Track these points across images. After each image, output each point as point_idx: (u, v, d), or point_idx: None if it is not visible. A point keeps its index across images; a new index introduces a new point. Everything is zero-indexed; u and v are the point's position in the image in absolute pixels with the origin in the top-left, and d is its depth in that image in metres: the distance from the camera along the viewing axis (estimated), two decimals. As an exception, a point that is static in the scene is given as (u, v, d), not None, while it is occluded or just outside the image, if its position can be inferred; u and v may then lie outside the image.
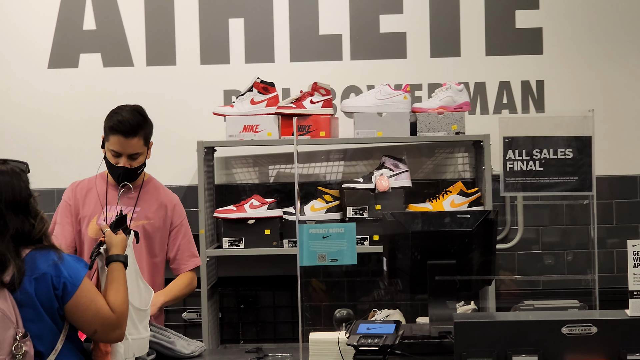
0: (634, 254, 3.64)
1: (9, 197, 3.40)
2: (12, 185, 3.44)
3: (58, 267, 3.40)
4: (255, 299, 6.18)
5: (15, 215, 3.39)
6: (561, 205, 6.03)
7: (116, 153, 4.62)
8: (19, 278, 3.32)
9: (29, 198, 3.45)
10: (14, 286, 3.31)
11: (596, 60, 6.09)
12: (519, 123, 4.79)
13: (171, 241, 4.85)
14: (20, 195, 3.43)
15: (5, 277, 3.31)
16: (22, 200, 3.43)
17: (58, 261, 3.40)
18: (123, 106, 4.71)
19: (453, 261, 4.23)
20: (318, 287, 6.11)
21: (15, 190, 3.43)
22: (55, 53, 6.13)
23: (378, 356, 3.75)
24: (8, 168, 3.47)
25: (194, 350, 4.36)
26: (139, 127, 4.63)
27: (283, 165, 6.13)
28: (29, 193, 3.46)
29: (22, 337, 3.29)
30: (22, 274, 3.33)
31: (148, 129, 4.70)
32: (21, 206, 3.42)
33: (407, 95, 5.68)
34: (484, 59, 6.09)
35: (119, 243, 3.73)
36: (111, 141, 4.61)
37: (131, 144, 4.60)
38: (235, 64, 6.12)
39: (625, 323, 3.62)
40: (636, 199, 6.07)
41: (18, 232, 3.38)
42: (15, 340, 3.27)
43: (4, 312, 3.28)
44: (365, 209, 5.59)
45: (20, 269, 3.33)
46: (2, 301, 3.29)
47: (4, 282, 3.31)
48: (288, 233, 5.63)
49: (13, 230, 3.37)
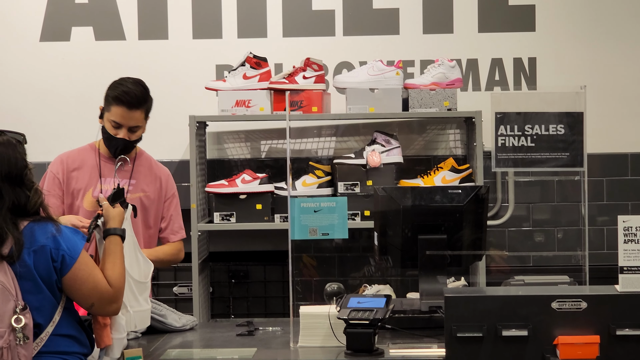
0: (625, 229, 3.66)
1: (4, 169, 3.40)
2: (7, 157, 3.43)
3: (56, 239, 3.40)
4: (246, 274, 6.19)
5: (12, 187, 3.39)
6: (552, 183, 6.04)
7: (117, 124, 4.57)
8: (18, 250, 3.32)
9: (24, 169, 3.45)
10: (13, 259, 3.31)
11: (588, 37, 6.09)
12: (511, 99, 4.79)
13: (163, 212, 4.83)
14: (16, 166, 3.42)
15: (4, 249, 3.31)
16: (18, 171, 3.42)
17: (56, 233, 3.40)
18: (127, 78, 4.65)
19: (444, 236, 4.25)
20: (309, 263, 6.13)
21: (12, 162, 3.43)
22: (47, 26, 6.12)
23: (368, 330, 3.76)
24: (4, 139, 3.47)
25: (185, 324, 4.37)
26: (143, 100, 4.59)
27: (275, 140, 6.13)
28: (24, 164, 3.46)
29: (21, 309, 3.29)
30: (21, 247, 3.33)
31: (149, 103, 4.65)
32: (17, 178, 3.42)
33: (400, 71, 5.68)
34: (476, 36, 6.09)
35: (116, 216, 3.73)
36: (113, 112, 4.56)
37: (134, 116, 4.56)
38: (228, 39, 6.11)
39: (615, 298, 3.63)
40: (627, 177, 6.09)
41: (14, 204, 3.38)
42: (15, 312, 3.28)
43: (4, 284, 3.28)
44: (356, 184, 5.60)
45: (19, 241, 3.33)
46: (2, 274, 3.29)
47: (2, 255, 3.31)
48: (279, 208, 5.64)
49: (9, 202, 3.37)
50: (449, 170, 5.67)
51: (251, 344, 4.10)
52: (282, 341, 4.15)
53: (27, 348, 3.30)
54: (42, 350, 3.39)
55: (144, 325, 3.99)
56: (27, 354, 3.30)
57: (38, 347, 3.38)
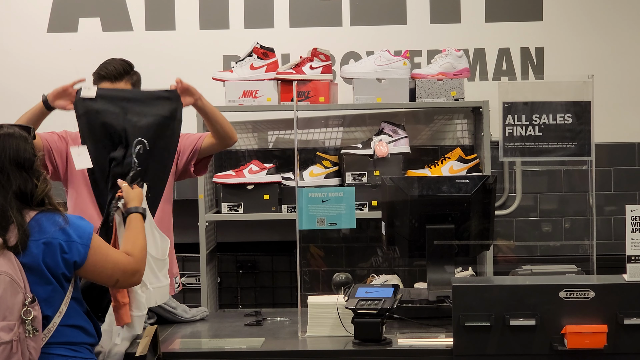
0: (632, 219, 3.66)
1: (12, 153, 3.42)
2: (16, 143, 3.46)
3: (66, 230, 3.41)
4: (253, 264, 6.20)
5: (19, 172, 3.41)
6: (559, 172, 6.04)
7: None
8: (24, 241, 3.33)
9: (33, 157, 3.47)
10: (19, 249, 3.32)
11: (596, 26, 6.08)
12: (518, 89, 4.78)
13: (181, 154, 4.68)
14: (24, 153, 3.44)
15: (9, 238, 3.32)
16: (27, 158, 3.44)
17: (65, 224, 3.41)
18: (111, 58, 4.72)
19: (451, 226, 4.25)
20: (316, 253, 6.13)
21: (20, 149, 3.45)
22: (54, 17, 6.12)
23: (376, 319, 3.77)
24: (15, 130, 3.50)
25: (194, 315, 4.39)
26: (124, 72, 4.65)
27: (282, 130, 6.13)
28: (33, 153, 3.48)
29: (30, 302, 3.30)
30: (27, 236, 3.34)
31: (135, 77, 4.70)
32: (25, 164, 3.43)
33: (407, 61, 5.67)
34: (483, 25, 6.08)
35: (136, 197, 3.80)
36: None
37: (119, 87, 4.60)
38: (235, 29, 6.11)
39: (623, 288, 3.64)
40: (635, 167, 6.08)
41: (21, 191, 3.39)
42: (24, 305, 3.29)
43: (12, 277, 3.28)
44: (364, 174, 5.60)
45: (25, 230, 3.34)
46: (10, 266, 3.29)
47: (8, 245, 3.31)
48: (287, 198, 5.64)
49: (16, 187, 3.38)
50: (457, 160, 5.67)
51: (259, 333, 4.12)
52: (290, 331, 4.17)
53: (36, 340, 3.31)
54: (50, 341, 3.40)
55: (164, 300, 4.00)
56: (36, 345, 3.31)
57: (46, 338, 3.39)
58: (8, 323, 3.25)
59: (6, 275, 3.26)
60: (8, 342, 3.24)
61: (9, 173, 3.39)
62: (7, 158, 3.41)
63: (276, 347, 3.92)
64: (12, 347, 3.24)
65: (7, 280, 3.26)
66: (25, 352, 3.27)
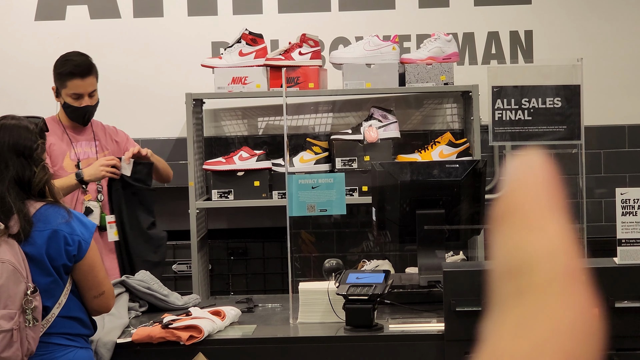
0: (623, 202, 3.66)
1: (12, 140, 3.46)
2: (18, 131, 3.50)
3: (71, 224, 3.45)
4: (244, 251, 6.20)
5: (17, 159, 3.43)
6: (549, 155, 6.03)
7: (77, 95, 4.91)
8: (27, 229, 3.34)
9: (33, 145, 3.49)
10: (21, 237, 3.33)
11: (585, 9, 6.07)
12: (507, 73, 4.79)
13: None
14: (25, 141, 3.47)
15: (12, 226, 3.33)
16: (27, 146, 3.47)
17: (69, 218, 3.45)
18: (68, 53, 5.03)
19: (442, 211, 4.25)
20: (307, 239, 6.13)
21: (21, 135, 3.49)
22: (41, 5, 6.10)
23: (367, 305, 3.77)
24: (20, 121, 3.55)
25: (187, 302, 4.39)
26: (91, 67, 4.96)
27: (272, 117, 6.13)
28: (35, 141, 3.50)
29: (32, 292, 3.31)
30: (30, 225, 3.35)
31: (96, 68, 5.01)
32: (24, 152, 3.46)
33: (396, 46, 5.66)
34: (472, 9, 6.07)
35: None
36: (70, 86, 4.90)
37: (89, 82, 4.93)
38: (223, 16, 6.10)
39: (614, 271, 3.65)
40: (624, 149, 6.08)
41: (19, 177, 3.40)
42: (26, 295, 3.30)
43: (15, 266, 3.29)
44: (354, 160, 5.60)
45: (28, 219, 3.36)
46: (13, 255, 3.30)
47: (11, 233, 3.32)
48: (277, 185, 5.64)
49: (14, 172, 3.40)
50: (446, 145, 5.67)
51: (251, 320, 4.12)
52: (281, 317, 4.17)
53: (35, 330, 3.32)
54: (48, 331, 3.43)
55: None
56: (35, 336, 3.33)
57: (44, 328, 3.41)
58: (9, 312, 3.26)
59: (9, 264, 3.28)
60: (8, 330, 3.25)
61: (7, 160, 3.41)
62: (7, 145, 3.43)
63: (268, 334, 3.92)
64: (12, 336, 3.25)
65: (10, 269, 3.27)
66: (24, 341, 3.28)
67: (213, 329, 3.83)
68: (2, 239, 3.31)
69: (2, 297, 3.26)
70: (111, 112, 6.00)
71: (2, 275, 3.27)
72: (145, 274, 4.39)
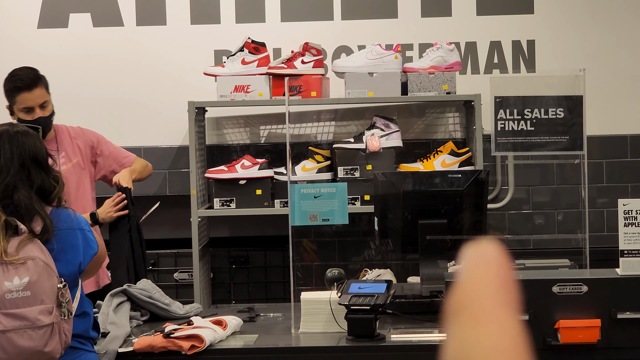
0: (625, 213, 3.66)
1: (31, 152, 3.54)
2: (33, 142, 3.57)
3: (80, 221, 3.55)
4: (246, 259, 6.19)
5: (38, 171, 3.48)
6: (552, 165, 6.04)
7: (27, 108, 4.90)
8: (50, 228, 3.40)
9: (47, 156, 3.59)
10: (48, 236, 3.39)
11: (587, 20, 6.08)
12: (510, 83, 4.79)
13: (102, 159, 5.16)
14: (40, 151, 3.56)
15: (35, 227, 3.38)
16: (44, 157, 3.57)
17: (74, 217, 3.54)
18: (15, 69, 5.04)
19: (444, 221, 4.25)
20: (309, 247, 6.13)
21: (37, 147, 3.56)
22: (45, 13, 6.10)
23: (369, 315, 3.77)
24: (25, 129, 3.63)
25: (188, 311, 4.39)
26: (37, 78, 4.94)
27: (274, 125, 6.13)
28: (47, 152, 3.59)
29: (63, 285, 3.37)
30: (52, 226, 3.41)
31: (44, 79, 4.98)
32: (42, 163, 3.54)
33: (398, 55, 5.67)
34: (475, 19, 6.07)
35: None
36: (19, 101, 4.90)
37: (37, 94, 4.90)
38: (226, 24, 6.10)
39: (616, 282, 3.64)
40: (626, 159, 6.08)
41: (40, 189, 3.47)
42: (59, 289, 3.35)
43: (45, 261, 3.34)
44: (356, 169, 5.60)
45: (51, 220, 3.41)
46: (40, 252, 3.36)
47: (35, 233, 3.36)
48: (279, 193, 5.64)
49: (37, 184, 3.47)
50: (449, 154, 5.67)
51: (253, 330, 4.11)
52: (283, 327, 4.16)
53: (69, 323, 3.42)
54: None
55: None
56: (70, 328, 3.42)
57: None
58: (47, 306, 3.32)
59: (40, 260, 3.32)
60: (49, 324, 3.31)
61: (30, 170, 3.47)
62: (27, 155, 3.50)
63: (270, 343, 3.92)
64: (52, 330, 3.31)
65: (41, 265, 3.33)
66: (62, 334, 3.36)
67: (215, 339, 3.83)
68: (28, 239, 3.35)
69: (38, 293, 3.31)
70: (113, 120, 6.02)
71: (36, 271, 3.32)
72: (147, 283, 4.39)
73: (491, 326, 0.75)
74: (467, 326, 0.76)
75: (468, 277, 0.80)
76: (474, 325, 0.76)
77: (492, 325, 0.75)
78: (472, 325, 0.76)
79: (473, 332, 0.75)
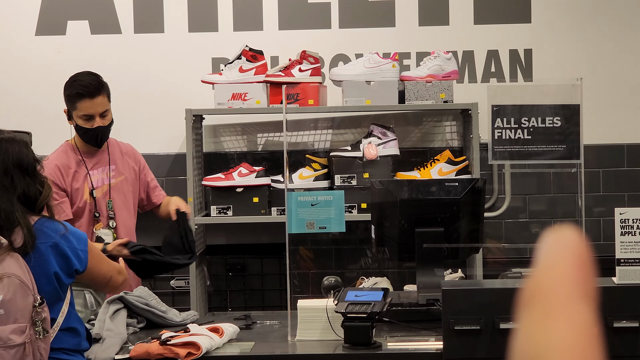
0: (622, 222, 3.66)
1: (15, 157, 3.49)
2: (18, 148, 3.53)
3: (67, 237, 3.49)
4: (243, 267, 6.19)
5: (22, 177, 3.45)
6: (548, 174, 6.05)
7: (88, 116, 4.85)
8: (31, 242, 3.36)
9: (34, 162, 3.53)
10: (26, 250, 3.35)
11: (584, 28, 6.09)
12: (507, 91, 4.79)
13: (142, 181, 5.21)
14: (26, 158, 3.51)
15: (16, 240, 3.34)
16: (29, 163, 3.51)
17: (65, 231, 3.50)
18: (77, 73, 4.97)
19: (441, 229, 4.25)
20: (306, 255, 6.13)
21: (22, 153, 3.52)
22: (42, 20, 6.11)
23: (366, 323, 3.77)
24: (16, 136, 3.58)
25: (185, 318, 4.39)
26: (100, 85, 4.88)
27: (271, 133, 6.13)
28: (34, 158, 3.54)
29: (40, 303, 3.33)
30: (34, 238, 3.37)
31: (107, 86, 4.93)
32: (28, 169, 3.49)
33: (396, 63, 5.68)
34: (472, 28, 6.08)
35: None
36: (80, 107, 4.84)
37: (99, 102, 4.84)
38: (224, 32, 6.11)
39: (612, 290, 3.65)
40: (623, 168, 6.09)
41: (25, 195, 3.43)
42: (34, 307, 3.31)
43: (21, 279, 3.30)
44: (353, 177, 5.60)
45: (32, 232, 3.37)
46: (18, 268, 3.31)
47: (15, 247, 3.33)
48: (276, 201, 5.64)
49: (20, 190, 3.42)
50: (446, 162, 5.68)
51: (249, 337, 4.11)
52: (279, 335, 4.16)
53: (46, 341, 3.34)
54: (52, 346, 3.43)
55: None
56: (46, 346, 3.35)
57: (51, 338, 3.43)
58: (20, 325, 3.28)
59: (15, 278, 3.29)
60: (21, 344, 3.27)
61: (13, 176, 3.43)
62: (11, 161, 3.45)
63: (266, 351, 3.92)
64: (24, 349, 3.27)
65: (16, 283, 3.28)
66: (36, 353, 3.31)
67: (211, 346, 3.83)
68: (6, 253, 3.32)
69: (11, 312, 3.27)
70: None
71: (10, 289, 3.27)
72: (143, 290, 4.39)
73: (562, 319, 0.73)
74: (537, 317, 0.74)
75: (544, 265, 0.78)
76: (545, 317, 0.74)
77: (563, 318, 0.74)
78: (543, 317, 0.74)
79: (542, 325, 0.74)
